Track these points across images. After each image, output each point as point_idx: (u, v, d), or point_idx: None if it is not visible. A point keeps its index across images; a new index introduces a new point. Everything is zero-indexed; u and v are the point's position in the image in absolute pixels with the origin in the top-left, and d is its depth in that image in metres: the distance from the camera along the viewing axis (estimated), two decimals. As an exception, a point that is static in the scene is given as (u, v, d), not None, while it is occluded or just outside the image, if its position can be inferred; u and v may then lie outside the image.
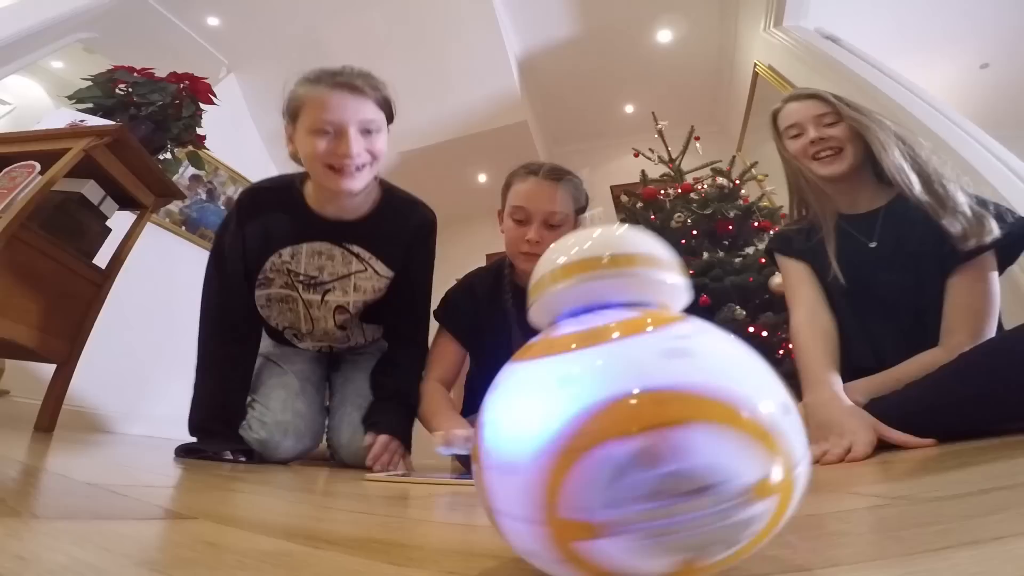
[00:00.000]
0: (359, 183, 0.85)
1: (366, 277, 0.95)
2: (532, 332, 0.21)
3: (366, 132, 0.84)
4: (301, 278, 0.93)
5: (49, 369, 1.32)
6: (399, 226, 0.96)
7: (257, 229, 0.92)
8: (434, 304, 1.13)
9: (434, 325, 1.13)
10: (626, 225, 0.23)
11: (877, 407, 0.70)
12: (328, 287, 0.94)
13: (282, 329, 1.06)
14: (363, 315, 1.02)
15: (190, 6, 2.87)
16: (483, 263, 1.27)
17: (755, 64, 2.97)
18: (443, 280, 1.12)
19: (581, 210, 1.04)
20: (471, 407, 1.10)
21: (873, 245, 0.88)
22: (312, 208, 0.92)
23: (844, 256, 0.90)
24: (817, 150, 0.91)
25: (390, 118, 0.90)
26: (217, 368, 0.96)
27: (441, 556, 0.25)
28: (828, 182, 0.93)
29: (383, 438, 0.89)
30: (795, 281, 0.96)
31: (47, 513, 0.31)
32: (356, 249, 0.93)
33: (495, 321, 1.06)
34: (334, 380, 1.14)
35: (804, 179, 0.95)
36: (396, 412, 0.95)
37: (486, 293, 1.10)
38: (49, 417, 1.26)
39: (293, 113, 0.86)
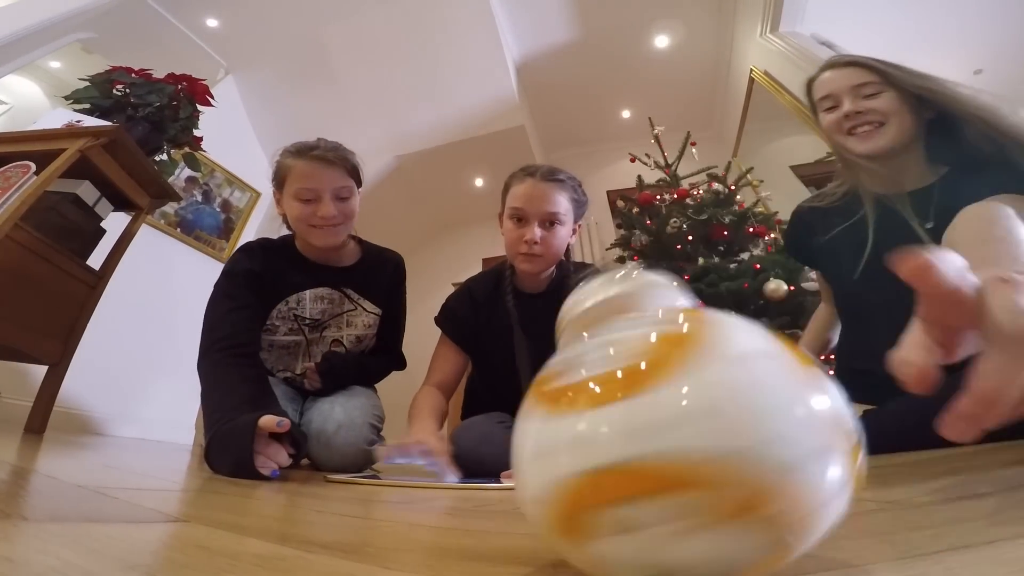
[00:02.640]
0: (337, 239, 1.00)
1: (356, 314, 1.08)
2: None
3: (339, 198, 0.97)
4: (307, 322, 1.03)
5: (41, 370, 1.30)
6: (380, 270, 1.12)
7: (267, 275, 0.99)
8: (434, 311, 1.13)
9: (423, 338, 1.12)
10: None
11: (873, 418, 0.69)
12: (326, 324, 1.06)
13: (276, 372, 1.05)
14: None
15: (189, 7, 2.87)
16: (479, 268, 1.27)
17: (751, 70, 2.99)
18: (440, 285, 1.12)
19: (581, 213, 1.04)
20: (471, 411, 1.09)
21: (930, 226, 0.74)
22: (309, 259, 1.04)
23: (890, 241, 0.75)
24: (852, 124, 0.81)
25: (359, 183, 1.03)
26: (229, 383, 0.82)
27: (435, 560, 0.24)
28: (869, 160, 0.80)
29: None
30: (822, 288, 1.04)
31: (37, 515, 0.30)
32: (348, 291, 1.07)
33: (495, 325, 1.06)
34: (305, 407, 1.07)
35: (842, 157, 0.85)
36: (344, 364, 1.05)
37: (486, 297, 1.09)
38: (40, 419, 1.25)
39: (280, 180, 0.98)
